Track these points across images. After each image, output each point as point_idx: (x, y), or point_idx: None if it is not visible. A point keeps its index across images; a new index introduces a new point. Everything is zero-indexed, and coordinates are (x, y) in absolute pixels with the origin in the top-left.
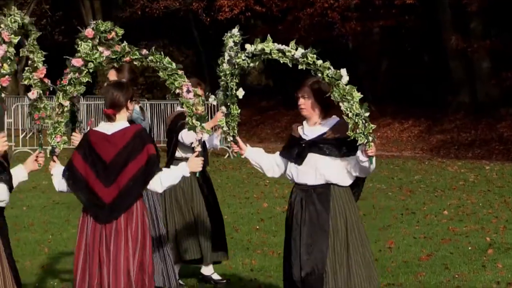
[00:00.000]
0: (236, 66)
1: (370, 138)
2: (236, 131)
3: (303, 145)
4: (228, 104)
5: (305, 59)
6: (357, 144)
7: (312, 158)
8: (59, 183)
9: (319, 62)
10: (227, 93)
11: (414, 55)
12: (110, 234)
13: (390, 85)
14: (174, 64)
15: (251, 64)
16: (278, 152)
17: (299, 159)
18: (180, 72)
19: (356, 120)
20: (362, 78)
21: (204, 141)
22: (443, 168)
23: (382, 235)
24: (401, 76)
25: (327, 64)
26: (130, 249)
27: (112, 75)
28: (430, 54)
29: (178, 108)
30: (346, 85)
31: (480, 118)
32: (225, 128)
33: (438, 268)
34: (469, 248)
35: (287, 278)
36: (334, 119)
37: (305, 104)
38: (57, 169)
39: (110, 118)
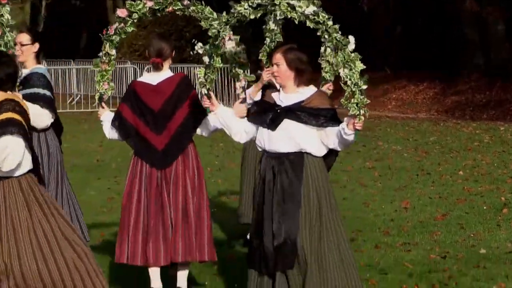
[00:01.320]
0: (235, 15)
1: (362, 112)
2: (212, 85)
3: (278, 111)
4: (213, 55)
5: (316, 17)
6: (348, 114)
7: (288, 124)
8: (110, 131)
9: (330, 23)
10: (215, 43)
11: (429, 18)
12: (169, 178)
13: (405, 48)
14: (215, 14)
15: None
16: (246, 118)
17: (273, 125)
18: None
19: (353, 89)
20: (376, 41)
21: None
22: (458, 129)
23: (397, 195)
24: (416, 39)
25: (337, 27)
26: (189, 191)
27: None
28: (444, 17)
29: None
30: (351, 52)
31: (494, 79)
32: (202, 80)
33: (454, 227)
34: (484, 207)
35: (255, 249)
36: (311, 89)
37: (279, 71)
38: (106, 116)
39: (157, 68)
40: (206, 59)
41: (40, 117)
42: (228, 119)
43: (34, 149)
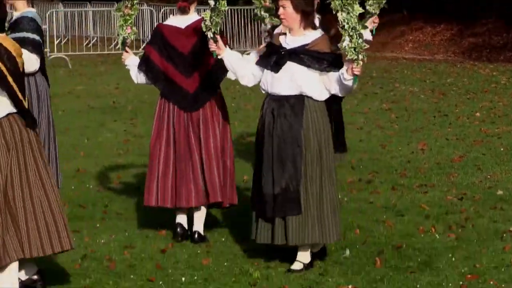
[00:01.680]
0: None
1: (360, 56)
2: (218, 29)
3: (283, 53)
4: None
5: None
6: (346, 59)
7: (290, 67)
8: (137, 76)
9: None
10: None
11: None
12: (198, 121)
13: None
14: None
15: None
16: (254, 62)
17: (276, 67)
18: None
19: (351, 33)
20: None
21: None
22: (475, 71)
23: (414, 137)
24: None
25: None
26: (217, 135)
27: None
28: None
29: None
30: None
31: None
32: (208, 23)
33: (470, 169)
34: (501, 149)
35: (255, 194)
36: (318, 32)
37: (285, 14)
38: (131, 60)
39: (184, 11)
40: (211, 2)
41: (29, 61)
42: (234, 63)
43: (25, 92)
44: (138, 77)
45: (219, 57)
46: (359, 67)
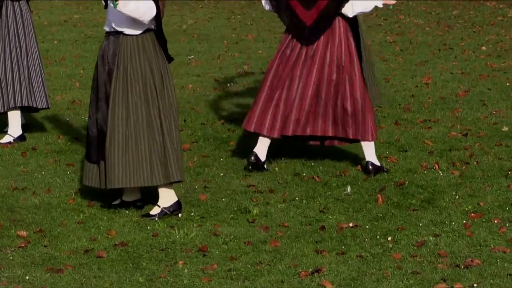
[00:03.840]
0: None
1: None
2: None
3: None
4: None
5: None
6: None
7: None
8: (265, 2)
9: None
10: None
11: None
12: (308, 54)
13: None
14: None
15: None
16: None
17: None
18: None
19: None
20: None
21: None
22: (481, 4)
23: (419, 70)
24: None
25: None
26: (326, 71)
27: None
28: None
29: None
30: None
31: None
32: None
33: (476, 104)
34: (507, 84)
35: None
36: None
37: None
38: None
39: None
40: None
41: None
42: None
43: None
44: (266, 4)
45: None
46: None
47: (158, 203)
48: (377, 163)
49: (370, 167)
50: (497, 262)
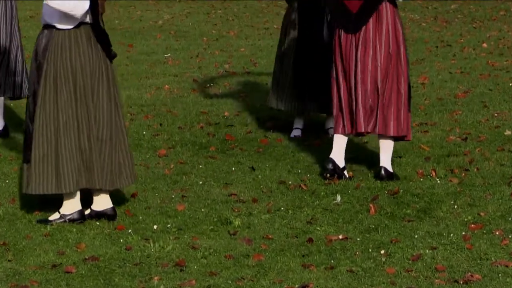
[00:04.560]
0: None
1: None
2: None
3: None
4: None
5: None
6: None
7: None
8: None
9: None
10: None
11: None
12: (358, 43)
13: None
14: None
15: None
16: None
17: None
18: None
19: None
20: None
21: None
22: None
23: (415, 69)
24: None
25: None
26: (379, 58)
27: None
28: None
29: None
30: None
31: None
32: None
33: (476, 106)
34: (510, 84)
35: None
36: None
37: None
38: None
39: None
40: None
41: None
42: None
43: None
44: None
45: None
46: None
47: (60, 210)
48: (391, 168)
49: (384, 173)
50: (498, 277)
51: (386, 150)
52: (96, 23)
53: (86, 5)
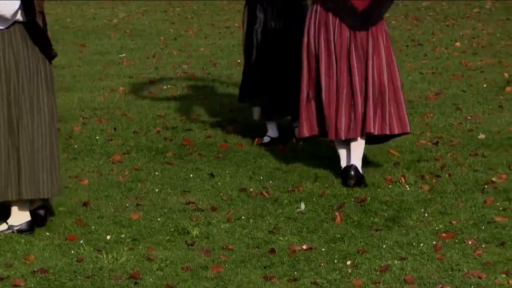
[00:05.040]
0: None
1: None
2: None
3: None
4: None
5: None
6: None
7: None
8: None
9: None
10: None
11: None
12: (362, 40)
13: None
14: None
15: None
16: None
17: None
18: None
19: None
20: None
21: None
22: None
23: None
24: None
25: None
26: (383, 59)
27: None
28: None
29: None
30: None
31: None
32: None
33: (448, 108)
34: (484, 85)
35: None
36: None
37: None
38: None
39: None
40: None
41: None
42: None
43: None
44: None
45: None
46: None
47: (8, 220)
48: (361, 170)
49: (354, 173)
50: None
51: (356, 148)
52: (31, 22)
53: (15, 4)
